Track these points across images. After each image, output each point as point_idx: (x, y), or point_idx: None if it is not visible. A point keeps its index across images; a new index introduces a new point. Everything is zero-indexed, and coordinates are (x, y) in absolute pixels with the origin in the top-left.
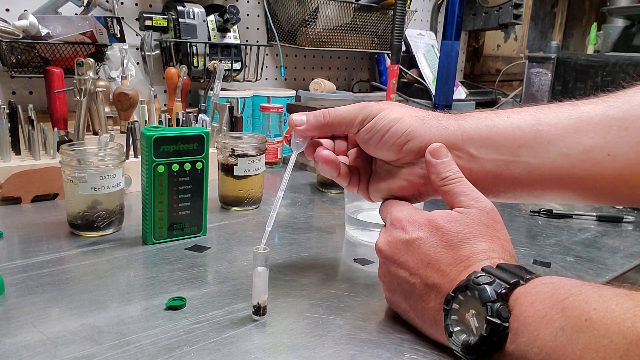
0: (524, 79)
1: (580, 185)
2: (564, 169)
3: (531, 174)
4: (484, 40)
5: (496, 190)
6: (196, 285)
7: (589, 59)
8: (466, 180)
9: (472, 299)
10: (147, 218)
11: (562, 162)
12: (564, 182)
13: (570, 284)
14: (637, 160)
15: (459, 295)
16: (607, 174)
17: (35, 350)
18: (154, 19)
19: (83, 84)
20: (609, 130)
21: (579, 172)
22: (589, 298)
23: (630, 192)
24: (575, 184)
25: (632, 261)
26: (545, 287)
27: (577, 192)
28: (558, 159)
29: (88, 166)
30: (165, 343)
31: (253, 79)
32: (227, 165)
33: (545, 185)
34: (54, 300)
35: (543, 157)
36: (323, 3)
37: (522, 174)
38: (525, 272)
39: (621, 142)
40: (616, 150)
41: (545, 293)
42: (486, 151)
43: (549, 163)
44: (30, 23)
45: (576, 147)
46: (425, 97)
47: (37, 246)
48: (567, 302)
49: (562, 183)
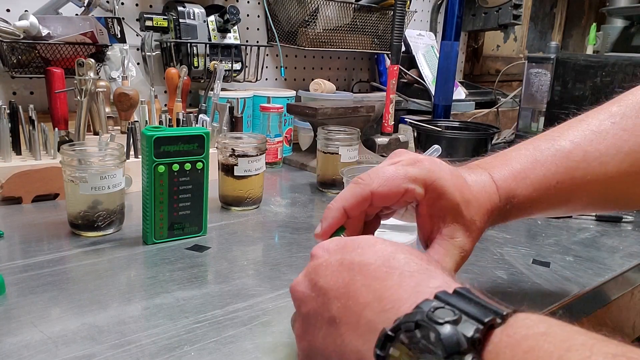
0: (524, 79)
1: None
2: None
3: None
4: (483, 41)
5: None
6: (196, 285)
7: (588, 59)
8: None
9: (424, 344)
10: (147, 218)
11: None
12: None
13: (553, 338)
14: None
15: (401, 336)
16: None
17: (36, 350)
18: (154, 19)
19: (84, 84)
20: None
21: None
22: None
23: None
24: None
25: (631, 261)
26: (530, 338)
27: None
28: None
29: (89, 166)
30: (165, 342)
31: (253, 79)
32: (227, 165)
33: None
34: (55, 300)
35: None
36: (323, 3)
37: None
38: (494, 304)
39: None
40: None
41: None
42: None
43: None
44: (31, 23)
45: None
46: (425, 98)
47: (37, 246)
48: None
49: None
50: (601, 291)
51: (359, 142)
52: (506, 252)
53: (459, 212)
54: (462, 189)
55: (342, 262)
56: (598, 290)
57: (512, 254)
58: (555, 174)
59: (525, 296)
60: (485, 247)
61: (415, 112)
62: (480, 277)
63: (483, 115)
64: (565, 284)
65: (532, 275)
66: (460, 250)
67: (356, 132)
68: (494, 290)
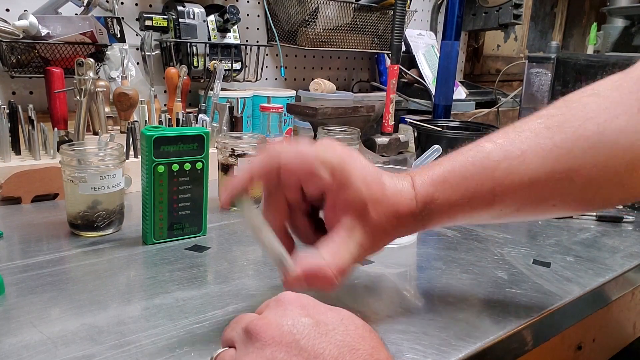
0: (524, 79)
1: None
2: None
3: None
4: (483, 41)
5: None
6: (196, 285)
7: (588, 59)
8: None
9: None
10: (147, 218)
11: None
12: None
13: None
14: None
15: None
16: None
17: (36, 350)
18: (154, 19)
19: (83, 84)
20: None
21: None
22: None
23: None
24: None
25: (632, 261)
26: None
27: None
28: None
29: (88, 166)
30: (165, 343)
31: (253, 79)
32: (227, 165)
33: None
34: (54, 300)
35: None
36: (323, 3)
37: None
38: None
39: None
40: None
41: None
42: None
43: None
44: (30, 23)
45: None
46: (425, 97)
47: (37, 246)
48: None
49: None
50: (602, 291)
51: (359, 142)
52: (506, 252)
53: (363, 208)
54: (372, 186)
55: (327, 333)
56: (599, 291)
57: (513, 254)
58: (474, 175)
59: (526, 297)
60: (485, 247)
61: (416, 112)
62: (481, 277)
63: (483, 115)
64: (565, 284)
65: (533, 276)
66: (358, 245)
67: (356, 132)
68: (495, 290)
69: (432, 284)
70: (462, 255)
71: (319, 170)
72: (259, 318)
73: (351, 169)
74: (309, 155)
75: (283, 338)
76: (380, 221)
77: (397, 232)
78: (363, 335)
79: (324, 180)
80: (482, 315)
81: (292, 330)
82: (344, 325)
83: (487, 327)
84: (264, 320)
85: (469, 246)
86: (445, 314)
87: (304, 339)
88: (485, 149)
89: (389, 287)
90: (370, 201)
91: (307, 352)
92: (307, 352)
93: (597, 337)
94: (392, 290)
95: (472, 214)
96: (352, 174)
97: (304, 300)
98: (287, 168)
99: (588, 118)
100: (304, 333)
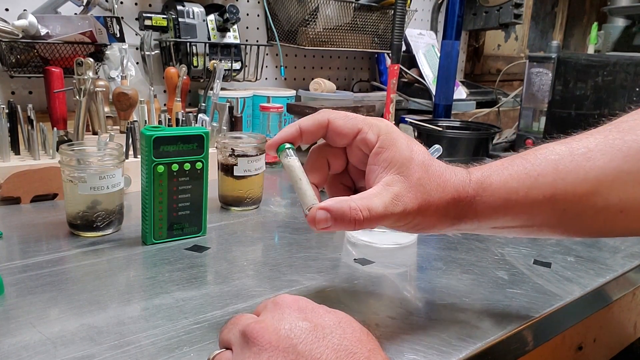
0: (525, 79)
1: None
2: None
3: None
4: (484, 40)
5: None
6: (196, 285)
7: (589, 58)
8: None
9: None
10: (146, 218)
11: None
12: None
13: None
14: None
15: None
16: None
17: (35, 351)
18: (153, 18)
19: (82, 84)
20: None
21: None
22: None
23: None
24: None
25: (633, 261)
26: None
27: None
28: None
29: (87, 166)
30: (164, 343)
31: (253, 78)
32: (227, 165)
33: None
34: (54, 301)
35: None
36: (323, 3)
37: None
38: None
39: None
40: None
41: None
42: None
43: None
44: (29, 23)
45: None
46: (425, 97)
47: (36, 246)
48: None
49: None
50: (602, 292)
51: None
52: (507, 252)
53: (405, 167)
54: (417, 153)
55: (324, 337)
56: (599, 291)
57: (513, 254)
58: (534, 165)
59: (526, 297)
60: (486, 247)
61: (416, 112)
62: (481, 277)
63: (484, 115)
64: (566, 285)
65: (533, 276)
66: (393, 196)
67: None
68: (495, 290)
69: (432, 284)
70: (463, 255)
71: (366, 131)
72: (257, 321)
73: (398, 135)
74: (358, 119)
75: (280, 343)
76: (423, 183)
77: (445, 208)
78: (360, 339)
79: (370, 141)
80: (482, 315)
81: (290, 334)
82: (342, 328)
83: (488, 328)
84: (261, 324)
85: (469, 246)
86: (445, 314)
87: (301, 343)
88: (549, 145)
89: (389, 288)
90: (415, 161)
91: (305, 356)
92: (304, 357)
93: (597, 338)
94: (393, 290)
95: (531, 210)
96: (398, 138)
97: (302, 303)
98: (336, 126)
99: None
100: (302, 337)
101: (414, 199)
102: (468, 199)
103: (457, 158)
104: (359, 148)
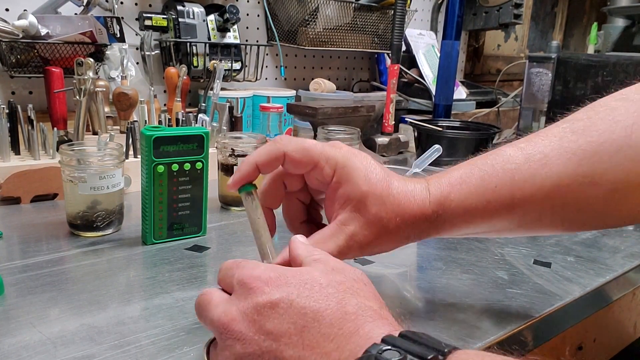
0: (524, 79)
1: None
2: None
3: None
4: (484, 40)
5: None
6: (196, 285)
7: (589, 58)
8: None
9: None
10: (146, 218)
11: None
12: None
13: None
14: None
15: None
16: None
17: (35, 351)
18: (153, 18)
19: (83, 84)
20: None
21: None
22: None
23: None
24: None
25: (633, 261)
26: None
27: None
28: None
29: (88, 166)
30: (164, 343)
31: (253, 78)
32: (227, 165)
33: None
34: (54, 301)
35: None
36: (323, 3)
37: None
38: (437, 342)
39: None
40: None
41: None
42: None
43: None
44: (29, 23)
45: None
46: (425, 97)
47: (36, 246)
48: None
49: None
50: (602, 292)
51: (359, 142)
52: (507, 252)
53: (361, 202)
54: (374, 183)
55: (292, 304)
56: (599, 291)
57: (513, 254)
58: (492, 177)
59: (526, 297)
60: (486, 247)
61: (416, 112)
62: (481, 277)
63: (484, 115)
64: (566, 285)
65: (533, 276)
66: (347, 237)
67: (356, 131)
68: (495, 290)
69: (432, 284)
70: (463, 255)
71: (323, 164)
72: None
73: (354, 167)
74: (315, 150)
75: (293, 281)
76: (380, 216)
77: (404, 232)
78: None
79: (326, 175)
80: (482, 315)
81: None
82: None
83: (488, 328)
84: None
85: (469, 246)
86: (445, 314)
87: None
88: (506, 152)
89: (389, 287)
90: (370, 196)
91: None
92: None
93: (597, 338)
94: (392, 290)
95: (490, 220)
96: (354, 171)
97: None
98: (292, 158)
99: (616, 122)
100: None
101: (369, 235)
102: (428, 220)
103: (456, 158)
104: (316, 179)
